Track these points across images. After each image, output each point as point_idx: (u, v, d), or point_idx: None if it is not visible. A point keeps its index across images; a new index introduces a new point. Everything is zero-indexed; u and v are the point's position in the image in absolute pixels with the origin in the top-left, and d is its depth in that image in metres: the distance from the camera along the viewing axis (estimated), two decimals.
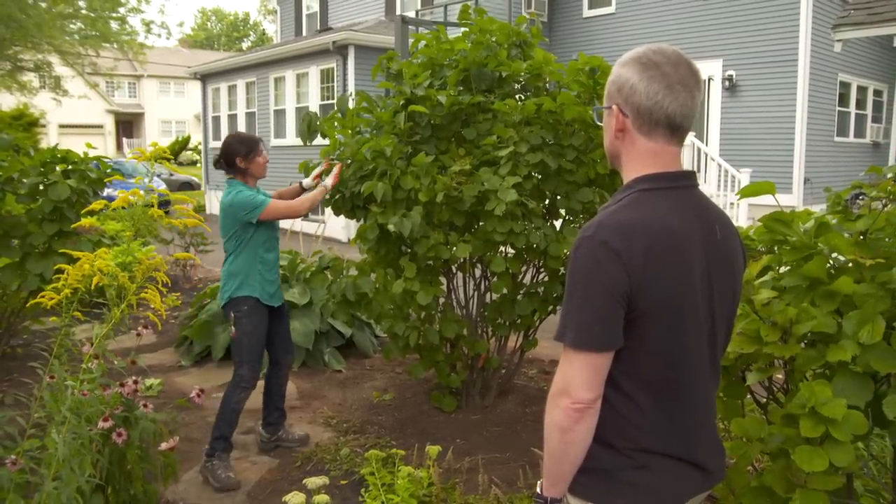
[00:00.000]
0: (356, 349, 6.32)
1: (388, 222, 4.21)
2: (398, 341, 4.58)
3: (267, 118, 17.00)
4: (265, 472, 4.03)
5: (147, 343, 6.52)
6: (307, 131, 4.75)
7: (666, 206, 1.52)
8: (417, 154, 4.29)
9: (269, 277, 4.08)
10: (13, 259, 4.18)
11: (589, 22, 15.68)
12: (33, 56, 21.00)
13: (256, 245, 4.03)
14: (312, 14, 19.73)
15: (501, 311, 4.61)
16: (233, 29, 62.15)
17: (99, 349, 2.35)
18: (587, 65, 4.39)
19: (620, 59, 1.60)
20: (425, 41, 4.76)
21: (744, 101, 13.50)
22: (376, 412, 4.94)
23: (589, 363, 1.46)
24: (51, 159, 4.28)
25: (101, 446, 3.09)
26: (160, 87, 44.85)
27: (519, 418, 4.74)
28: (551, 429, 1.51)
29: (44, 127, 25.70)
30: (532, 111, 4.20)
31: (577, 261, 1.48)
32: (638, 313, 1.46)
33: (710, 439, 1.62)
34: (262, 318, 4.04)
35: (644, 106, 1.53)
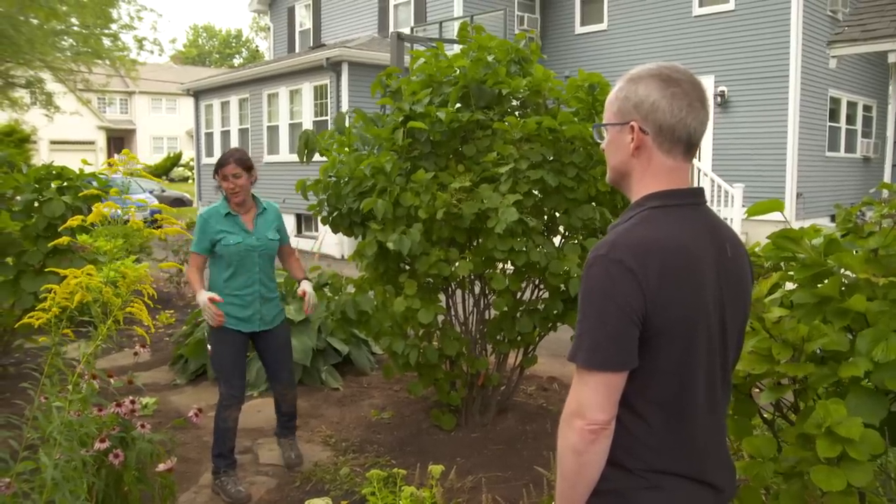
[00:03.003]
0: (353, 367, 6.27)
1: (387, 240, 4.18)
2: (398, 359, 4.54)
3: (260, 135, 16.99)
4: (264, 493, 3.98)
5: (141, 361, 6.44)
6: (304, 149, 4.73)
7: (678, 224, 1.51)
8: (416, 171, 4.27)
9: (237, 303, 3.95)
10: (7, 277, 4.13)
11: (581, 38, 15.77)
12: (25, 72, 20.91)
13: (219, 269, 3.98)
14: (305, 31, 19.78)
15: (502, 329, 4.58)
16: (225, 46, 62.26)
17: (88, 368, 2.30)
18: (586, 81, 4.40)
19: (630, 75, 1.58)
20: (424, 58, 4.76)
21: (736, 117, 13.58)
22: (375, 431, 4.89)
23: (603, 384, 1.43)
24: (45, 176, 4.25)
25: (97, 468, 3.04)
26: (152, 104, 44.80)
27: (519, 436, 4.70)
28: (565, 451, 1.48)
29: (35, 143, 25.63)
30: (532, 129, 4.19)
31: (591, 279, 1.46)
32: (652, 332, 1.44)
33: (722, 458, 1.61)
34: (229, 337, 3.94)
35: (668, 123, 1.52)
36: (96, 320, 2.31)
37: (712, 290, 1.51)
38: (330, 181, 4.69)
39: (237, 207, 3.98)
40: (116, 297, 2.31)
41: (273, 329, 4.11)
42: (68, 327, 2.55)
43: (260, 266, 4.02)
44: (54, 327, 2.31)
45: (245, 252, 3.95)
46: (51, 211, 4.00)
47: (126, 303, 2.34)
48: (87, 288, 2.27)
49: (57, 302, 2.27)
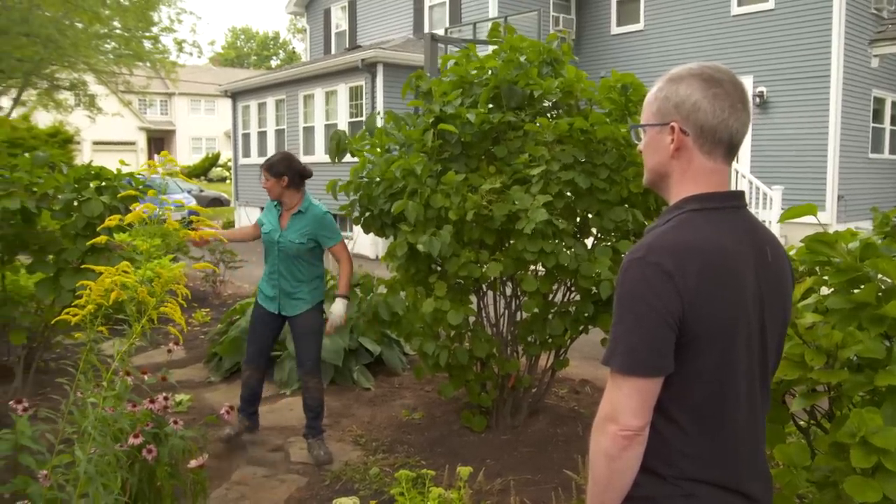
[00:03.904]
0: (385, 367, 6.29)
1: (417, 241, 4.19)
2: (428, 360, 4.54)
3: (296, 135, 17.14)
4: (294, 491, 4.01)
5: (177, 359, 6.54)
6: (336, 150, 4.76)
7: (717, 227, 1.48)
8: (447, 172, 4.27)
9: (267, 282, 4.44)
10: (48, 274, 4.22)
11: (617, 39, 15.64)
12: (69, 75, 21.41)
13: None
14: (341, 32, 19.91)
15: (532, 331, 4.56)
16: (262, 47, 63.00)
17: (122, 365, 2.34)
18: (619, 82, 4.36)
19: (670, 74, 1.56)
20: (455, 59, 4.76)
21: (775, 118, 13.35)
22: (405, 431, 4.90)
23: (638, 389, 1.41)
24: (85, 176, 4.34)
25: (131, 463, 3.09)
26: (191, 105, 45.52)
27: (550, 439, 4.67)
28: (598, 456, 1.46)
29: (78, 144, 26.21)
30: (564, 130, 4.17)
31: (627, 283, 1.44)
32: (689, 337, 1.42)
33: (759, 468, 1.57)
34: (256, 310, 4.51)
35: (709, 124, 1.49)
36: (131, 318, 2.34)
37: (752, 294, 1.47)
38: (361, 182, 4.71)
39: (281, 203, 4.39)
40: (151, 297, 2.35)
41: (296, 317, 4.39)
42: (104, 324, 2.60)
43: (280, 260, 4.35)
44: (89, 324, 2.36)
45: (269, 243, 4.39)
46: (89, 210, 4.08)
47: (160, 302, 2.37)
48: (122, 286, 2.31)
49: (92, 299, 2.31)
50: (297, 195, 4.37)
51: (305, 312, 4.37)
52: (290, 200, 4.36)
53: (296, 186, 4.35)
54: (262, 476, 4.18)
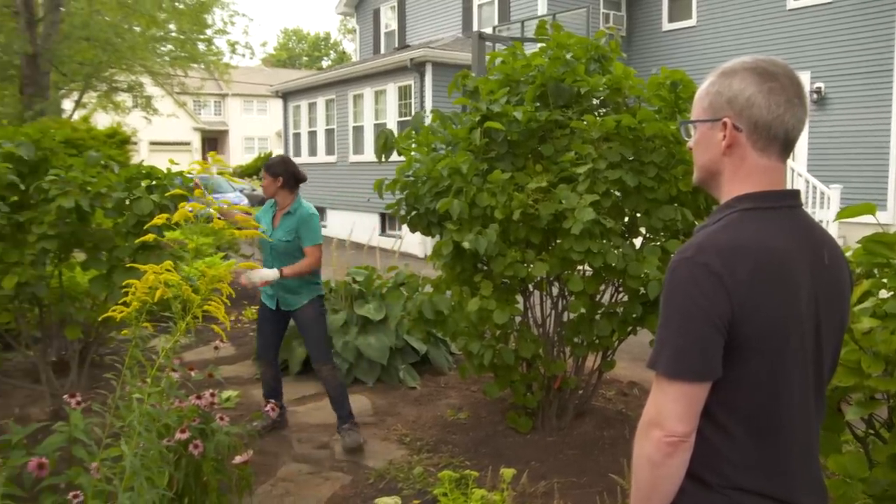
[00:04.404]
0: (431, 366, 6.28)
1: (463, 240, 4.17)
2: (473, 360, 4.52)
3: (346, 135, 17.29)
4: (338, 488, 4.03)
5: (226, 355, 6.65)
6: (382, 148, 4.77)
7: (771, 227, 1.42)
8: (493, 171, 4.24)
9: None
10: (101, 271, 4.32)
11: (669, 35, 15.37)
12: (127, 77, 21.99)
13: None
14: (391, 32, 20.01)
15: (579, 331, 4.50)
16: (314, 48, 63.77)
17: (166, 362, 2.37)
18: (668, 79, 4.27)
19: (723, 68, 1.50)
20: (502, 58, 4.72)
21: (833, 115, 12.95)
22: (450, 431, 4.89)
23: (684, 394, 1.36)
24: (136, 175, 4.43)
25: (178, 458, 3.14)
26: (244, 105, 46.32)
27: (596, 441, 4.60)
28: (641, 462, 1.42)
29: (135, 144, 26.89)
30: (611, 127, 4.10)
31: (675, 283, 1.39)
32: (739, 341, 1.36)
33: (812, 478, 1.49)
34: (261, 308, 4.76)
35: (764, 120, 1.43)
36: (176, 316, 2.38)
37: (807, 298, 1.41)
38: (407, 181, 4.71)
39: (277, 203, 4.62)
40: (195, 294, 2.37)
41: (297, 311, 4.59)
42: (150, 321, 2.64)
43: (273, 258, 4.54)
44: (135, 321, 2.40)
45: (263, 241, 4.59)
46: (140, 209, 4.16)
47: (205, 300, 2.40)
48: (167, 284, 2.34)
49: (137, 297, 2.35)
50: (290, 196, 4.57)
51: (304, 306, 4.57)
52: (283, 201, 4.57)
53: (289, 188, 4.56)
54: (306, 473, 4.21)
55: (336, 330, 6.15)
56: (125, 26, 20.42)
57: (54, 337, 5.04)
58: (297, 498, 3.90)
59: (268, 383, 4.82)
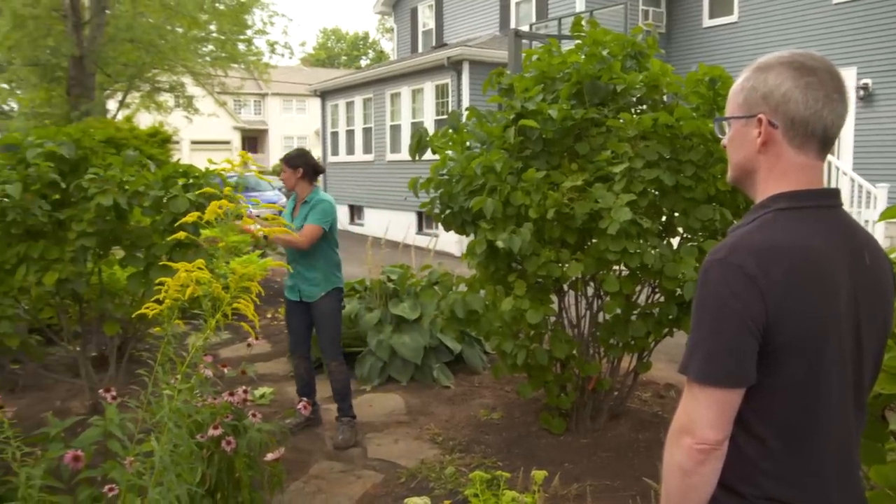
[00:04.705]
0: (465, 365, 6.26)
1: (497, 239, 4.14)
2: (506, 359, 4.48)
3: (383, 134, 17.34)
4: (369, 487, 4.03)
5: (261, 352, 6.71)
6: (416, 147, 4.76)
7: (808, 228, 1.36)
8: (528, 169, 4.20)
9: (289, 273, 4.69)
10: (138, 268, 4.39)
11: (709, 32, 15.12)
12: (169, 78, 22.37)
13: None
14: (428, 31, 20.03)
15: (614, 332, 4.43)
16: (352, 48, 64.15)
17: (196, 358, 2.39)
18: (707, 75, 4.18)
19: (758, 63, 1.45)
20: (537, 55, 4.67)
21: (880, 111, 12.59)
22: (483, 431, 4.86)
23: (716, 400, 1.32)
24: (173, 174, 4.48)
25: (211, 454, 3.17)
26: (283, 105, 46.81)
27: (631, 444, 4.53)
28: (671, 469, 1.38)
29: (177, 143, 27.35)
30: (648, 125, 4.03)
31: (707, 286, 1.35)
32: (774, 347, 1.31)
33: (851, 489, 1.43)
34: (287, 306, 4.85)
35: (801, 116, 1.38)
36: (206, 314, 2.39)
37: (846, 301, 1.35)
38: (441, 179, 4.69)
39: (297, 195, 4.77)
40: (225, 293, 2.39)
41: (315, 303, 4.66)
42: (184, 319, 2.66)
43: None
44: (167, 318, 2.42)
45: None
46: (176, 207, 4.21)
47: (235, 298, 2.41)
48: (197, 282, 2.36)
49: (169, 294, 2.37)
50: (309, 187, 4.73)
51: (322, 298, 4.64)
52: (302, 191, 4.73)
53: (309, 179, 4.73)
54: (338, 471, 4.22)
55: (371, 328, 6.16)
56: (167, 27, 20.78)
57: (94, 332, 5.13)
58: (328, 496, 3.91)
59: (301, 377, 4.87)
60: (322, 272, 4.63)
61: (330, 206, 4.62)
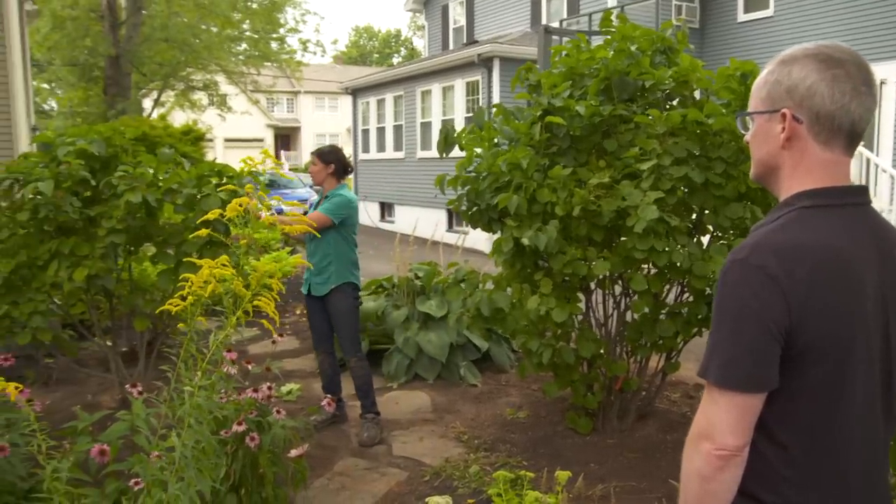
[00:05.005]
0: (493, 363, 6.23)
1: (522, 236, 4.10)
2: (532, 358, 4.45)
3: (414, 131, 17.35)
4: (393, 484, 4.03)
5: (289, 349, 6.75)
6: (444, 143, 4.75)
7: (833, 226, 1.32)
8: (554, 166, 4.16)
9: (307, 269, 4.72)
10: (169, 265, 4.43)
11: (744, 27, 14.86)
12: (203, 76, 22.65)
13: None
14: (459, 28, 19.99)
15: (642, 332, 4.37)
16: (385, 45, 64.36)
17: (217, 355, 2.40)
18: (738, 70, 4.10)
19: (782, 56, 1.40)
20: (566, 51, 4.63)
21: None
22: (509, 430, 4.83)
23: (736, 405, 1.28)
24: (207, 173, 4.52)
25: (235, 449, 3.19)
26: (315, 103, 47.14)
27: (658, 445, 4.47)
28: (690, 476, 1.34)
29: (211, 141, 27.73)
30: (677, 122, 3.96)
31: (727, 287, 1.31)
32: (798, 350, 1.27)
33: (879, 498, 1.39)
34: (307, 303, 4.87)
35: (826, 110, 1.33)
36: (227, 311, 2.40)
37: (874, 302, 1.31)
38: (468, 176, 4.67)
39: (322, 191, 4.78)
40: (246, 290, 2.39)
41: (326, 296, 4.68)
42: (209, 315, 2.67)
43: (309, 239, 4.66)
44: (190, 314, 2.43)
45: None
46: (207, 205, 4.24)
47: (256, 295, 2.42)
48: (219, 279, 2.37)
49: (193, 291, 2.38)
50: (335, 184, 4.75)
51: (334, 293, 4.64)
52: (328, 187, 4.74)
53: (338, 176, 4.76)
54: (363, 468, 4.23)
55: (398, 326, 6.17)
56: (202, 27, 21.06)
57: (125, 328, 5.21)
58: (352, 493, 3.91)
59: (326, 374, 4.90)
60: (335, 266, 4.63)
61: (345, 201, 4.63)
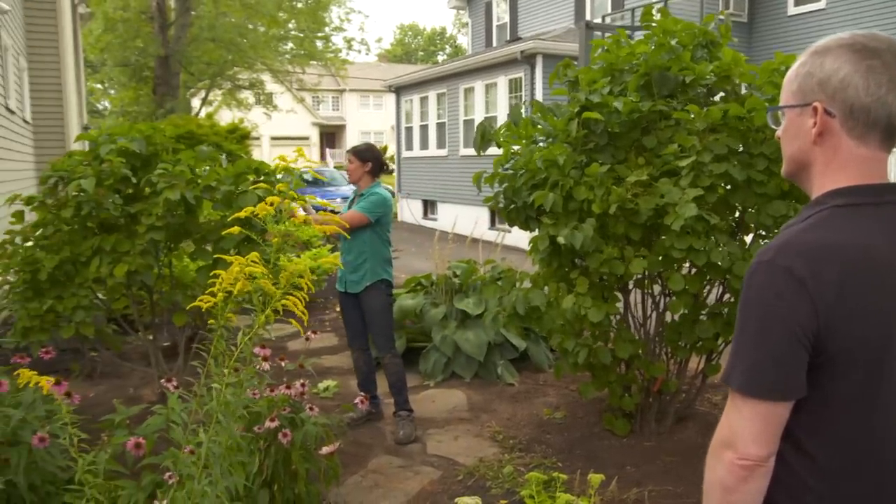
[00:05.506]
0: (530, 362, 6.18)
1: (558, 234, 4.05)
2: (568, 358, 4.39)
3: (456, 128, 17.33)
4: (426, 483, 4.01)
5: (328, 345, 6.80)
6: (480, 141, 4.72)
7: (867, 226, 1.25)
8: (592, 164, 4.10)
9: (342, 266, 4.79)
10: (207, 262, 4.49)
11: (795, 20, 14.49)
12: (249, 75, 23.00)
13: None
14: (502, 25, 19.91)
15: (681, 333, 4.28)
16: (429, 43, 64.52)
17: (246, 352, 2.41)
18: (783, 64, 3.98)
19: (815, 46, 1.33)
20: (606, 46, 4.55)
21: None
22: (545, 430, 4.78)
23: (759, 413, 1.23)
24: (244, 170, 4.56)
25: (268, 445, 3.21)
26: (360, 101, 47.49)
27: (697, 449, 4.37)
28: (712, 486, 1.29)
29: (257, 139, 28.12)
30: (717, 117, 3.87)
31: (752, 289, 1.25)
32: (827, 357, 1.21)
33: None
34: (340, 300, 4.89)
35: (861, 103, 1.25)
36: (256, 308, 2.41)
37: None
38: (506, 174, 4.63)
39: (357, 189, 4.83)
40: (275, 288, 2.40)
41: (360, 294, 4.69)
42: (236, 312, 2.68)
43: (345, 237, 4.62)
44: (221, 311, 2.45)
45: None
46: (245, 202, 4.28)
47: (285, 293, 2.42)
48: (248, 277, 2.38)
49: (223, 287, 2.40)
50: (371, 182, 4.78)
51: (369, 290, 4.66)
52: (364, 185, 4.77)
53: (374, 174, 4.79)
54: (397, 466, 4.22)
55: (435, 323, 6.15)
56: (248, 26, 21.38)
57: (166, 323, 5.29)
58: (385, 490, 3.91)
59: (361, 370, 4.91)
60: (369, 264, 4.66)
61: (381, 199, 4.65)
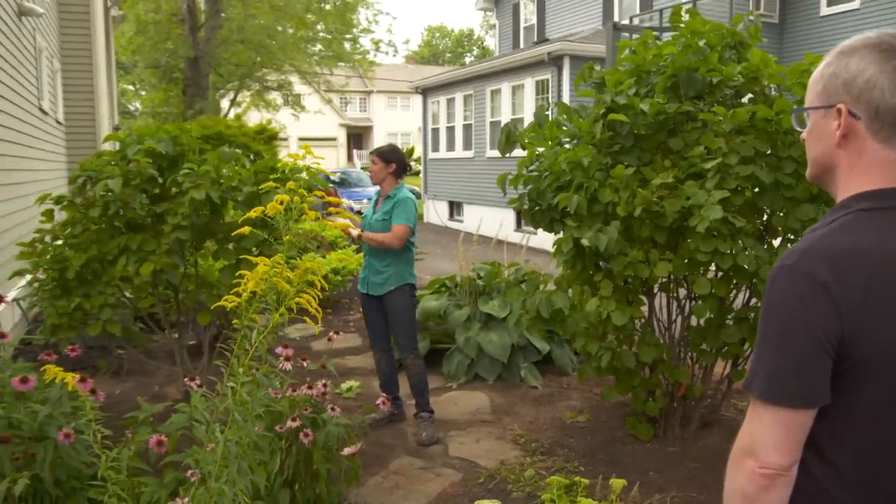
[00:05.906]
0: (554, 365, 6.14)
1: (582, 236, 4.02)
2: (591, 361, 4.36)
3: (483, 130, 17.31)
4: (447, 485, 4.00)
5: (351, 346, 6.81)
6: (505, 143, 4.70)
7: (893, 230, 1.22)
8: (617, 166, 4.06)
9: (363, 267, 4.86)
10: (230, 261, 4.52)
11: (827, 20, 14.27)
12: (277, 77, 23.18)
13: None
14: (530, 26, 19.85)
15: (706, 337, 4.22)
16: (457, 45, 64.58)
17: (261, 351, 2.42)
18: (813, 65, 3.91)
19: (841, 47, 1.31)
20: (633, 47, 4.51)
21: None
22: (568, 434, 4.75)
23: (781, 421, 1.20)
24: (263, 170, 4.60)
25: (289, 445, 3.23)
26: (388, 102, 47.66)
27: (721, 455, 4.27)
28: (733, 495, 1.27)
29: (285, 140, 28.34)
30: (744, 119, 3.81)
31: (774, 294, 1.23)
32: (851, 364, 1.18)
33: None
34: (362, 302, 4.89)
35: (887, 105, 1.23)
36: (271, 307, 2.43)
37: None
38: (530, 175, 4.61)
39: (381, 190, 4.80)
40: (289, 286, 2.41)
41: (384, 296, 4.69)
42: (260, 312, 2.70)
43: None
44: (244, 311, 2.46)
45: (366, 225, 4.80)
46: (266, 202, 4.30)
47: (298, 292, 2.43)
48: (262, 276, 2.39)
49: (248, 287, 2.41)
50: (395, 183, 4.77)
51: (393, 293, 4.66)
52: (388, 187, 4.76)
53: (397, 175, 4.78)
54: (418, 468, 4.22)
55: (459, 325, 6.14)
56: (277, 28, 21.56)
57: (191, 322, 5.34)
58: (405, 492, 3.91)
59: (383, 372, 4.92)
60: (395, 268, 4.66)
61: (414, 204, 4.67)
